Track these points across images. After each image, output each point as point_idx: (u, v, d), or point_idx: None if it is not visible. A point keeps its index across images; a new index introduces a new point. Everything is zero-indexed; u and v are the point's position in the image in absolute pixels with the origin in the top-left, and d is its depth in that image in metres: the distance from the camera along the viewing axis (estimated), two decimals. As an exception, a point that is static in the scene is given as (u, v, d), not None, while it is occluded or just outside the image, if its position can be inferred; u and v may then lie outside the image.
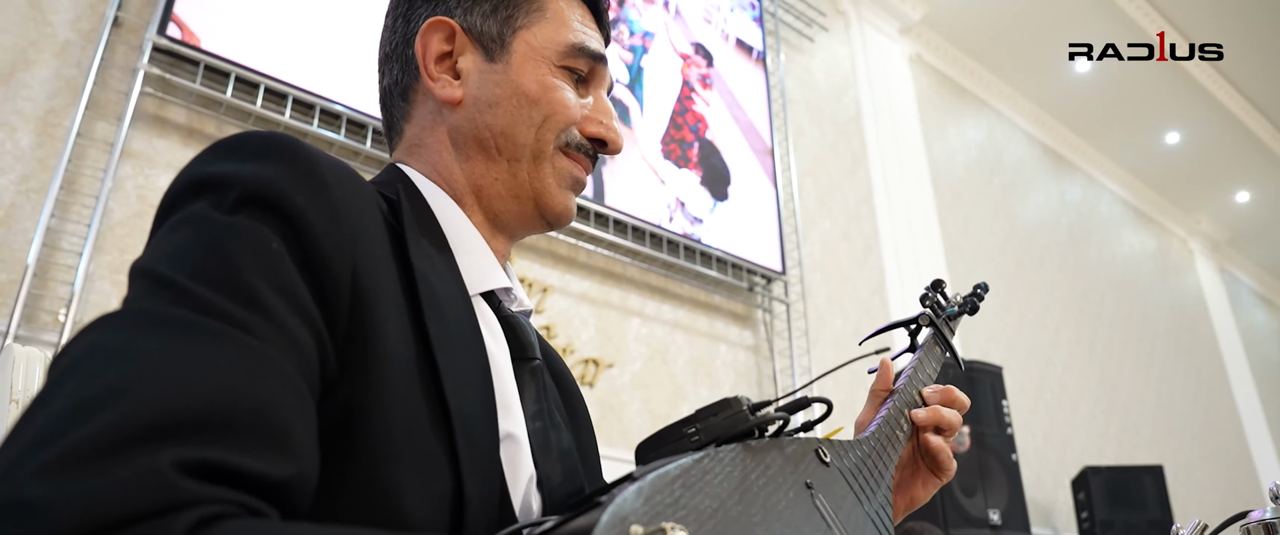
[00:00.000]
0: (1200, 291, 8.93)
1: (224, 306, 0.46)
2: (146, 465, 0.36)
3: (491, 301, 0.73)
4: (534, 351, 0.73)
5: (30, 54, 2.41)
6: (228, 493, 0.38)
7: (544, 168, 0.76)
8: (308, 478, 0.44)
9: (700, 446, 0.51)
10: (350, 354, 0.53)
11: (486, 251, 0.74)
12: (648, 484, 0.41)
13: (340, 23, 2.90)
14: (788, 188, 4.34)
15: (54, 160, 2.33)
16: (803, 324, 4.06)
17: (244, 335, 0.45)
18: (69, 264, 2.27)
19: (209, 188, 0.54)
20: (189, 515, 0.35)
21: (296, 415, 0.45)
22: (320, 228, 0.54)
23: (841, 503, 0.60)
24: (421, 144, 0.78)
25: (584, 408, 0.83)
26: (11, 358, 0.73)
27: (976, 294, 1.09)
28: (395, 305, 0.58)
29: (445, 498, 0.55)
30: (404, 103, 0.80)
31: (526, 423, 0.67)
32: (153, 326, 0.44)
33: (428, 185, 0.75)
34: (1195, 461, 7.24)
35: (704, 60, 4.27)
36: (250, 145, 0.57)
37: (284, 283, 0.50)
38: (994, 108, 6.88)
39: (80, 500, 0.34)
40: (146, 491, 0.35)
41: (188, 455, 0.37)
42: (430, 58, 0.77)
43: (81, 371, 0.41)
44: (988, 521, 3.57)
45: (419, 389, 0.57)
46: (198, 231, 0.51)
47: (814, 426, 0.63)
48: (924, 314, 1.02)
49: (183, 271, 0.48)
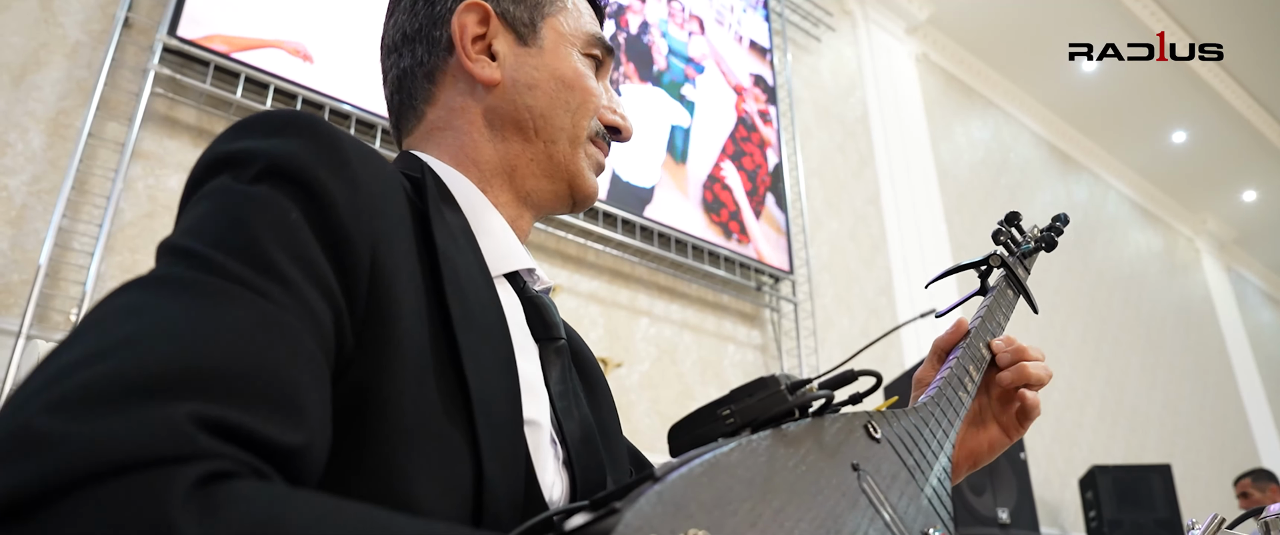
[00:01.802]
0: (1207, 291, 8.90)
1: (243, 273, 0.46)
2: (162, 414, 0.36)
3: (515, 283, 0.73)
4: (558, 331, 0.73)
5: (41, 55, 2.42)
6: (239, 452, 0.37)
7: (578, 152, 0.79)
8: (317, 450, 0.44)
9: (735, 431, 0.48)
10: (367, 333, 0.52)
11: (509, 232, 0.75)
12: (669, 485, 0.38)
13: (349, 23, 2.91)
14: (795, 188, 4.34)
15: (65, 161, 2.34)
16: (810, 323, 4.06)
17: (262, 300, 0.45)
18: (80, 264, 2.27)
19: (231, 163, 0.54)
20: (198, 467, 0.35)
21: (310, 385, 0.44)
22: (342, 203, 0.53)
23: (893, 481, 0.56)
24: (447, 126, 0.78)
25: (606, 387, 0.82)
26: (36, 354, 0.73)
27: (1055, 227, 1.00)
28: (415, 285, 0.57)
29: (464, 480, 0.54)
30: (429, 84, 0.79)
31: (552, 402, 0.67)
32: (172, 289, 0.44)
33: (447, 170, 0.75)
34: (1203, 461, 7.21)
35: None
36: (274, 122, 0.57)
37: (303, 253, 0.49)
38: (1000, 107, 6.87)
39: (91, 437, 0.34)
40: (159, 439, 0.35)
41: (203, 411, 0.37)
42: (467, 38, 0.77)
43: (100, 325, 0.41)
44: (996, 520, 3.56)
45: (438, 371, 0.56)
46: (219, 203, 0.51)
47: (862, 400, 0.58)
48: (996, 253, 0.93)
49: (203, 241, 0.48)
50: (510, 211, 0.77)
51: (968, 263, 0.93)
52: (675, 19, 4.11)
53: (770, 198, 4.16)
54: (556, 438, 0.66)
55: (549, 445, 0.64)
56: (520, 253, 0.74)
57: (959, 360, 0.80)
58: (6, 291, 2.19)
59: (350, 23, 2.91)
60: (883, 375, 0.58)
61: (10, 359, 2.08)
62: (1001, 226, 0.95)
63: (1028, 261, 0.99)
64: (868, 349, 3.60)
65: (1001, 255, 0.93)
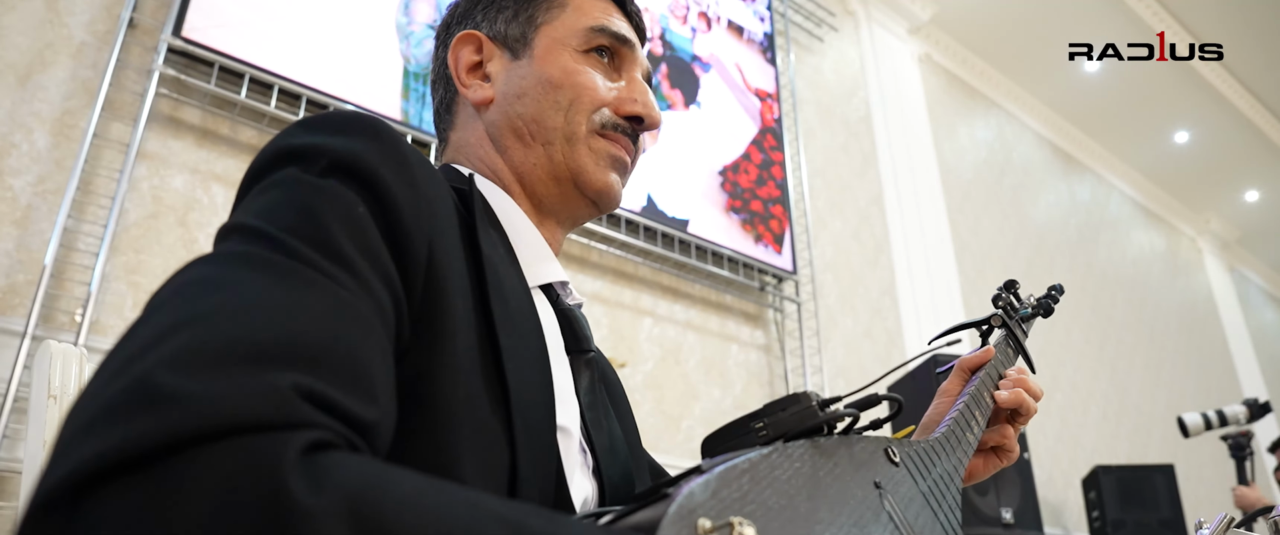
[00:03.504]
0: (1210, 291, 8.90)
1: (315, 258, 0.48)
2: (270, 381, 0.37)
3: (549, 294, 0.75)
4: (590, 344, 0.75)
5: (46, 56, 2.42)
6: (335, 423, 0.39)
7: (579, 148, 0.78)
8: (386, 428, 0.45)
9: (767, 442, 0.51)
10: (422, 325, 0.55)
11: (542, 244, 0.77)
12: (716, 477, 0.40)
13: (354, 23, 2.91)
14: (798, 188, 4.34)
15: (70, 161, 2.34)
16: (814, 324, 4.06)
17: (333, 284, 0.47)
18: (85, 264, 2.28)
19: (298, 157, 0.56)
20: (305, 435, 0.36)
21: (380, 367, 0.46)
22: (403, 202, 0.55)
23: (910, 504, 0.59)
24: (465, 145, 0.82)
25: (626, 401, 0.85)
26: (49, 354, 0.73)
27: (1051, 296, 1.08)
28: (463, 286, 0.60)
29: (501, 471, 0.56)
30: (448, 115, 0.85)
31: (581, 412, 0.69)
32: (251, 266, 0.46)
33: (480, 179, 0.78)
34: (1206, 461, 7.20)
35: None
36: (338, 121, 0.59)
37: (369, 246, 0.52)
38: (1003, 108, 6.87)
39: (211, 397, 0.35)
40: (271, 405, 0.36)
41: (302, 381, 0.38)
42: (462, 68, 0.82)
43: (187, 294, 0.43)
44: (1000, 520, 3.56)
45: (482, 368, 0.58)
46: (289, 193, 0.53)
47: (882, 425, 0.61)
48: (996, 315, 1.01)
49: (275, 225, 0.49)
50: (535, 220, 0.79)
51: (969, 323, 1.00)
52: (675, 14, 4.12)
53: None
54: (585, 447, 0.68)
55: (578, 452, 0.66)
56: (554, 265, 0.76)
57: (966, 404, 0.85)
58: (12, 292, 2.19)
59: (353, 23, 2.91)
60: (902, 401, 0.61)
61: (15, 359, 2.08)
62: (1001, 292, 1.03)
63: (1026, 325, 1.06)
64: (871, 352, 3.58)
65: (1002, 317, 1.01)
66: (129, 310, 2.33)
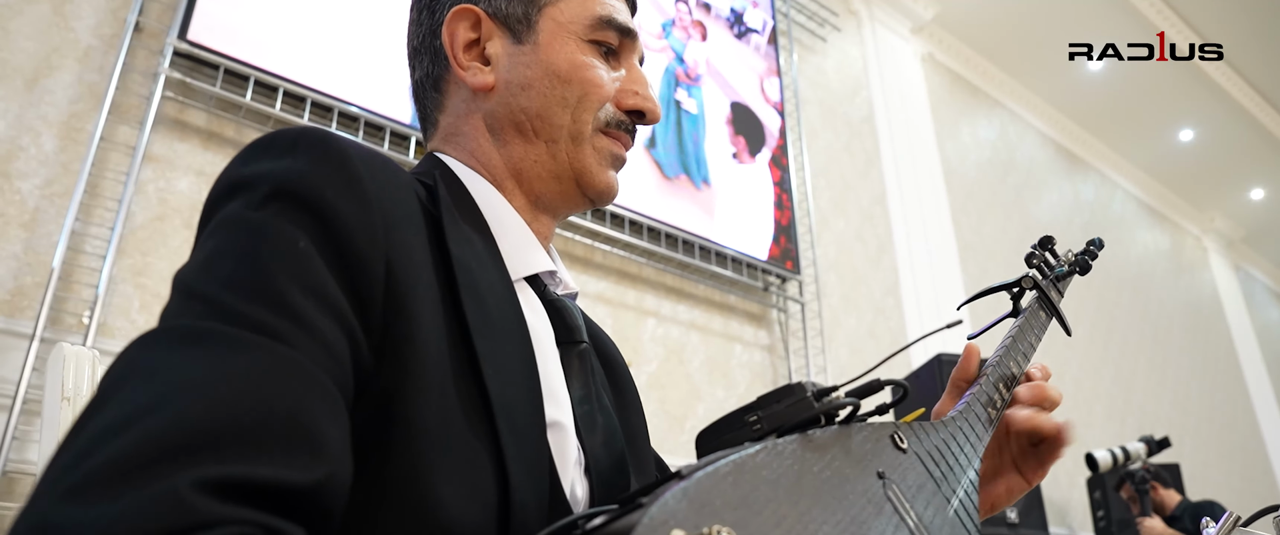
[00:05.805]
0: (1215, 289, 8.88)
1: (254, 314, 0.46)
2: (165, 486, 0.36)
3: (536, 286, 0.73)
4: (580, 334, 0.72)
5: (53, 60, 2.44)
6: (248, 512, 0.38)
7: (584, 148, 0.75)
8: (339, 479, 0.44)
9: (761, 436, 0.48)
10: (386, 346, 0.53)
11: (529, 235, 0.74)
12: (695, 483, 0.38)
13: (358, 25, 2.92)
14: (801, 188, 4.35)
15: (77, 164, 2.35)
16: (817, 323, 4.06)
17: (273, 343, 0.46)
18: (92, 267, 2.29)
19: (242, 188, 0.55)
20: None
21: (327, 419, 0.45)
22: (351, 221, 0.54)
23: (918, 492, 0.55)
24: (457, 132, 0.78)
25: (633, 388, 0.81)
26: (61, 357, 0.74)
27: (1089, 251, 0.98)
28: (433, 294, 0.58)
29: (489, 485, 0.54)
30: (437, 93, 0.79)
31: (573, 407, 0.66)
32: (183, 343, 0.45)
33: (466, 172, 0.75)
34: (1211, 460, 7.19)
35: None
36: (281, 142, 0.57)
37: (313, 283, 0.50)
38: (1007, 107, 6.86)
39: (102, 523, 0.35)
40: (164, 514, 0.35)
41: (208, 473, 0.38)
42: (458, 46, 0.76)
43: (116, 394, 0.42)
44: (1005, 519, 3.56)
45: (458, 378, 0.56)
46: (229, 236, 0.52)
47: (886, 412, 0.58)
48: (1029, 275, 0.92)
49: (214, 282, 0.49)
50: (526, 215, 0.76)
51: (1001, 284, 0.91)
52: (679, 23, 4.12)
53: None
54: (578, 441, 0.66)
55: (572, 448, 0.64)
56: (539, 256, 0.74)
57: (988, 377, 0.78)
58: (20, 294, 2.21)
59: (358, 25, 2.92)
60: (907, 386, 0.57)
61: (24, 361, 2.10)
62: (1035, 250, 0.94)
63: (1062, 284, 0.97)
64: (875, 351, 3.59)
65: (1034, 277, 0.92)
66: (136, 312, 2.35)
